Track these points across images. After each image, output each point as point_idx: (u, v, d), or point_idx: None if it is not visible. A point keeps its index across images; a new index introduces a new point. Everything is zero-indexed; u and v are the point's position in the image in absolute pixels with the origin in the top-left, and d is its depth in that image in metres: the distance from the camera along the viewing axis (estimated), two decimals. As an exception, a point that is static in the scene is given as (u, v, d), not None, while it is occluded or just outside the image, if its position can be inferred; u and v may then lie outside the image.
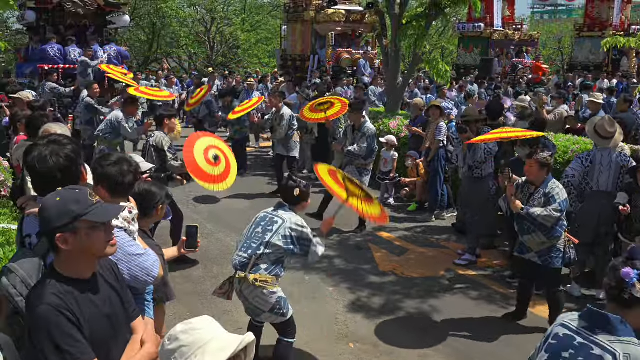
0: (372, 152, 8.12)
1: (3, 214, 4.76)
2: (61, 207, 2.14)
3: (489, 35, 21.60)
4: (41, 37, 15.78)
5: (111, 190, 2.94)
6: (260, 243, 4.28)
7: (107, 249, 2.25)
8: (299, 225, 4.33)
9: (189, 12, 33.15)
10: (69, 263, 2.21)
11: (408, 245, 7.78)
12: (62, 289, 2.16)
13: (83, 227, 2.14)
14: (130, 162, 3.08)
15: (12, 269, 2.32)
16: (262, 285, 4.19)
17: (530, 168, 5.22)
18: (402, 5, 11.63)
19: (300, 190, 4.48)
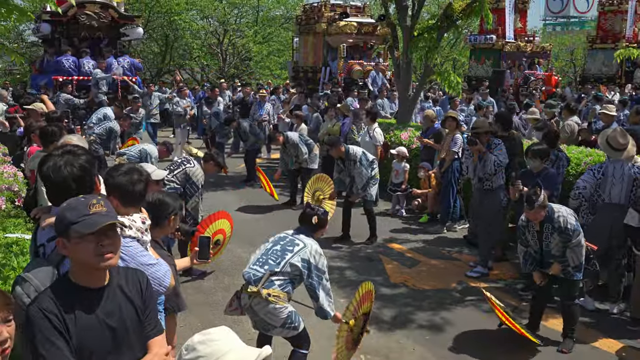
0: (371, 165, 8.09)
1: (17, 224, 4.79)
2: (61, 213, 2.20)
3: (501, 47, 21.57)
4: (56, 49, 15.99)
5: (122, 200, 2.96)
6: (279, 261, 4.29)
7: (100, 262, 2.20)
8: (318, 253, 4.38)
9: (202, 24, 33.40)
10: (76, 270, 2.24)
11: (419, 257, 7.75)
12: (61, 294, 2.19)
13: (74, 236, 2.16)
14: (141, 172, 3.10)
15: (27, 278, 2.34)
16: (274, 300, 4.18)
17: (535, 215, 5.10)
18: (413, 17, 11.67)
19: (318, 218, 4.55)
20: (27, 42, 29.88)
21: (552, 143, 7.00)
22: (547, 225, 5.13)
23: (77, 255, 2.19)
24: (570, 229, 5.05)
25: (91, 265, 2.21)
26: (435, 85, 20.47)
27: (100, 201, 2.23)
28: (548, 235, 5.14)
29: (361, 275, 7.05)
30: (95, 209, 2.18)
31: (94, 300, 2.24)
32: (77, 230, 2.14)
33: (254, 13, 34.59)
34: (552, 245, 5.15)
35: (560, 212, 5.13)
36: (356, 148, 8.22)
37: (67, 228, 2.15)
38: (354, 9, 20.69)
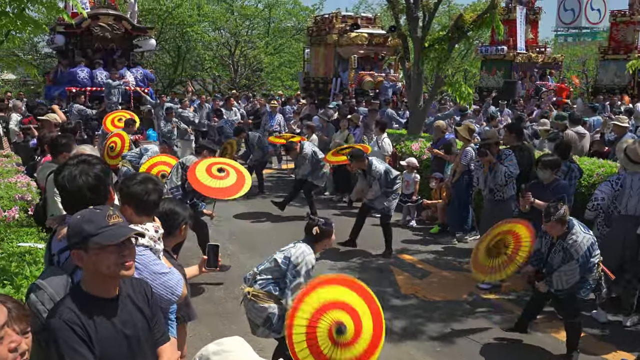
0: (392, 182, 8.08)
1: (30, 233, 4.83)
2: (77, 225, 2.21)
3: (512, 58, 21.56)
4: (70, 61, 16.16)
5: (137, 209, 2.99)
6: (267, 260, 4.47)
7: (120, 271, 2.23)
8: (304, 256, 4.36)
9: (214, 35, 33.67)
10: (89, 281, 2.26)
11: (430, 268, 7.72)
12: (79, 305, 2.21)
13: (93, 247, 2.18)
14: (156, 182, 3.13)
15: (41, 285, 2.36)
16: (252, 299, 4.30)
17: (552, 229, 5.06)
18: (424, 28, 11.69)
19: (318, 229, 4.52)
20: (41, 53, 30.24)
21: (564, 154, 6.97)
22: (560, 242, 5.09)
23: (96, 266, 2.20)
24: (574, 256, 4.96)
25: (111, 275, 2.24)
26: (447, 96, 20.47)
27: (116, 212, 2.27)
28: (557, 250, 5.11)
29: (372, 286, 6.93)
30: (113, 220, 2.21)
31: (110, 310, 2.27)
32: (98, 242, 2.16)
33: (266, 25, 34.85)
34: (555, 260, 5.13)
35: (577, 235, 5.00)
36: (380, 166, 8.08)
37: (86, 240, 2.17)
38: (365, 20, 20.80)
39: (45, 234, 5.15)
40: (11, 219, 5.25)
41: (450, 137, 9.83)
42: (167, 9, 29.72)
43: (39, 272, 3.68)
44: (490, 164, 7.16)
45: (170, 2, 30.15)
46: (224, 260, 7.57)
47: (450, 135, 9.93)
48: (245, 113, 17.00)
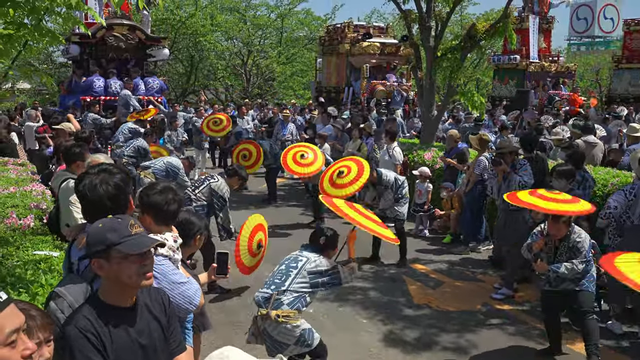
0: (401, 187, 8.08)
1: (45, 241, 4.87)
2: (99, 234, 2.21)
3: (525, 67, 21.48)
4: (84, 70, 16.32)
5: (156, 218, 3.01)
6: (284, 279, 4.34)
7: (141, 281, 2.24)
8: (322, 262, 4.44)
9: (227, 45, 33.86)
10: (108, 290, 2.27)
11: (443, 278, 7.68)
12: (95, 313, 2.22)
13: (115, 256, 2.18)
14: (176, 192, 3.15)
15: (60, 293, 2.37)
16: (284, 320, 4.20)
17: (558, 230, 5.12)
18: (437, 37, 11.70)
19: (325, 239, 4.55)
20: (56, 63, 30.53)
21: (577, 164, 6.93)
22: (564, 244, 5.16)
23: (117, 275, 2.21)
24: (581, 252, 5.08)
25: (132, 285, 2.24)
26: (459, 105, 20.43)
27: (137, 222, 2.28)
28: (562, 254, 5.16)
29: (384, 295, 7.01)
30: (135, 229, 2.23)
31: (126, 319, 2.27)
32: (121, 250, 2.17)
33: (278, 34, 34.99)
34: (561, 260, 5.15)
35: (579, 233, 5.18)
36: (389, 174, 8.15)
37: (109, 249, 2.18)
38: (377, 30, 20.84)
39: (59, 242, 5.19)
40: (26, 227, 5.29)
41: (463, 146, 9.80)
42: (181, 19, 29.93)
43: (54, 280, 3.71)
44: (505, 173, 7.13)
45: (183, 12, 30.38)
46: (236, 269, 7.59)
47: (463, 145, 9.91)
48: (258, 122, 17.08)
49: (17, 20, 3.56)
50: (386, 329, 6.07)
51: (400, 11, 12.36)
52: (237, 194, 12.83)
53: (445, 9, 11.94)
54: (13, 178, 7.68)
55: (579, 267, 5.06)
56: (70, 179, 5.42)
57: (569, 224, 5.13)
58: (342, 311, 6.50)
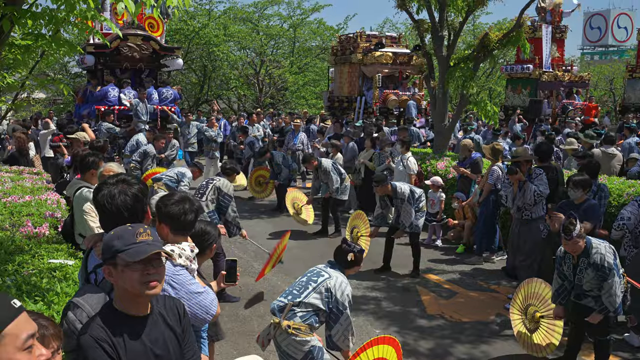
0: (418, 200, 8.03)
1: (60, 249, 4.89)
2: (109, 241, 2.24)
3: (538, 76, 21.38)
4: (99, 80, 16.46)
5: (173, 228, 3.02)
6: (302, 291, 4.30)
7: (144, 290, 2.22)
8: (343, 285, 4.34)
9: (239, 55, 34.07)
10: (120, 298, 2.27)
11: (457, 289, 7.63)
12: (110, 322, 2.22)
13: (120, 264, 2.19)
14: (192, 201, 3.16)
15: (78, 304, 2.37)
16: (294, 332, 4.16)
17: (574, 247, 5.00)
18: (450, 47, 11.69)
19: (354, 255, 4.52)
20: (70, 73, 30.85)
21: (593, 173, 6.88)
22: (583, 259, 5.02)
23: (122, 282, 2.22)
24: (606, 267, 4.90)
25: (136, 294, 2.23)
26: (472, 115, 20.38)
27: (147, 230, 2.27)
28: (582, 270, 5.03)
29: (397, 305, 6.98)
30: (142, 237, 2.22)
31: (140, 328, 2.27)
32: (123, 258, 2.18)
33: (290, 44, 35.16)
34: (585, 280, 5.04)
35: (599, 248, 4.99)
36: (404, 186, 8.06)
37: (114, 256, 2.19)
38: (390, 39, 20.85)
39: (73, 250, 5.22)
40: (42, 236, 5.32)
41: (477, 156, 9.77)
42: (195, 29, 30.17)
43: (70, 288, 3.73)
44: (520, 182, 7.09)
45: (197, 23, 30.61)
46: (250, 279, 7.60)
47: (477, 154, 9.87)
48: (270, 131, 17.12)
49: (35, 31, 3.60)
50: (400, 340, 6.00)
51: (412, 21, 12.37)
52: (248, 204, 12.88)
53: (457, 18, 11.92)
54: (28, 187, 7.74)
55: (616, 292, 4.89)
56: (84, 188, 5.47)
57: (583, 238, 5.02)
58: (355, 321, 6.44)
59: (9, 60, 3.94)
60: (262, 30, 33.98)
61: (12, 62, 3.98)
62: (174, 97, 16.85)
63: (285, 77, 32.20)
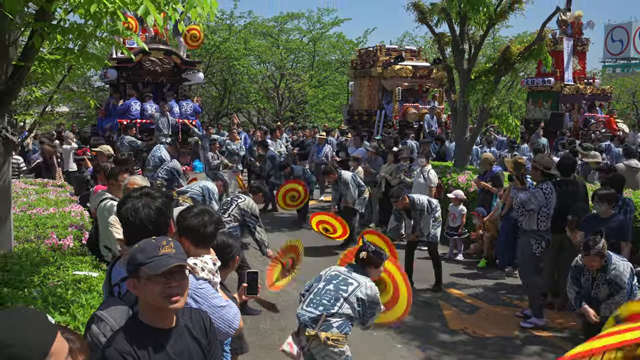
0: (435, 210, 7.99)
1: (84, 261, 4.93)
2: (133, 254, 2.25)
3: (559, 89, 21.23)
4: (121, 94, 16.68)
5: (194, 241, 3.03)
6: (333, 302, 4.26)
7: (166, 304, 2.21)
8: (371, 289, 4.36)
9: (259, 69, 34.33)
10: (145, 310, 2.27)
11: (479, 303, 7.55)
12: (135, 335, 2.22)
13: (142, 276, 2.20)
14: (212, 214, 3.17)
15: (102, 317, 2.38)
16: (333, 344, 4.14)
17: (591, 262, 5.02)
18: (470, 60, 11.67)
19: (367, 254, 4.45)
20: (93, 87, 31.29)
21: (618, 187, 6.78)
22: (601, 275, 5.05)
23: (145, 296, 2.23)
24: (619, 284, 4.97)
25: (159, 307, 2.23)
26: (491, 128, 20.26)
27: (170, 242, 2.27)
28: (599, 284, 5.07)
29: (419, 320, 6.92)
30: (164, 250, 2.22)
31: (164, 340, 2.27)
32: (145, 271, 2.18)
33: (310, 58, 35.35)
34: (601, 295, 5.05)
35: (617, 265, 5.03)
36: (422, 198, 8.04)
37: (137, 269, 2.20)
38: (409, 53, 20.87)
39: (97, 262, 5.26)
40: (66, 248, 5.38)
41: (498, 170, 9.69)
42: (215, 43, 30.47)
43: (94, 300, 3.75)
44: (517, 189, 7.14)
45: (218, 37, 30.93)
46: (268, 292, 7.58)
47: (498, 168, 9.80)
48: (291, 144, 17.19)
49: (63, 45, 3.66)
50: (422, 355, 5.97)
51: (433, 34, 12.37)
52: (268, 216, 12.90)
53: (479, 31, 11.91)
54: (52, 199, 7.85)
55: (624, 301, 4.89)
56: (108, 199, 5.53)
57: (602, 256, 5.01)
58: (377, 336, 6.42)
59: (37, 74, 4.00)
60: (282, 44, 34.23)
61: (40, 76, 4.05)
62: (194, 110, 17.00)
63: (305, 91, 32.34)
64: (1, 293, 3.77)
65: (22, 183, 9.23)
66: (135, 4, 3.07)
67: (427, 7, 11.91)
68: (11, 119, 4.04)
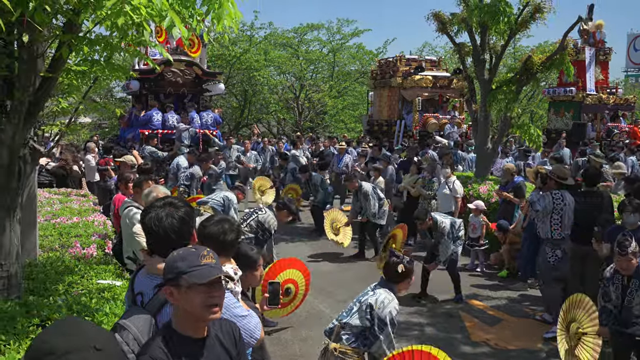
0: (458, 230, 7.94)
1: (107, 270, 4.98)
2: (172, 262, 2.24)
3: (582, 99, 21.04)
4: (143, 105, 16.86)
5: (214, 250, 3.03)
6: (348, 312, 4.29)
7: (207, 314, 2.22)
8: (386, 302, 4.23)
9: (279, 79, 34.50)
10: (180, 320, 2.27)
11: (502, 315, 7.46)
12: (169, 343, 2.22)
13: (183, 285, 2.19)
14: (232, 222, 3.18)
15: (125, 325, 2.39)
16: (340, 356, 4.11)
17: (627, 265, 4.89)
18: (491, 70, 11.62)
19: (404, 267, 4.34)
20: (116, 98, 31.68)
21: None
22: (634, 281, 4.91)
23: (185, 304, 2.22)
24: None
25: (197, 316, 2.23)
26: (512, 138, 20.11)
27: (210, 253, 2.28)
28: (633, 291, 4.91)
29: (440, 331, 6.86)
30: (206, 260, 2.22)
31: (198, 350, 2.27)
32: (187, 280, 2.18)
33: (330, 68, 35.44)
34: (635, 302, 4.89)
35: None
36: (445, 221, 7.88)
37: (178, 277, 2.19)
38: (429, 63, 20.85)
39: (120, 271, 5.31)
40: (90, 257, 5.43)
41: (519, 180, 9.61)
42: (236, 54, 30.71)
43: (118, 309, 3.78)
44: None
45: (238, 48, 31.17)
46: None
47: (519, 178, 9.71)
48: (310, 154, 17.22)
49: (90, 57, 3.72)
50: (443, 367, 5.90)
51: (453, 44, 12.35)
52: (286, 226, 12.90)
53: (499, 41, 11.86)
54: (76, 208, 7.95)
55: None
56: (132, 207, 5.60)
57: (636, 256, 4.88)
58: (398, 347, 6.36)
59: (64, 85, 4.07)
60: (302, 55, 34.37)
61: (67, 87, 4.12)
62: (213, 120, 17.11)
63: (325, 101, 32.43)
64: (27, 301, 3.82)
65: (47, 192, 9.35)
66: (161, 16, 3.10)
67: (447, 17, 11.90)
68: (37, 130, 4.10)
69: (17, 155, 3.65)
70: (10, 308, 3.59)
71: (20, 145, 3.65)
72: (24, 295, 4.01)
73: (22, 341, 3.18)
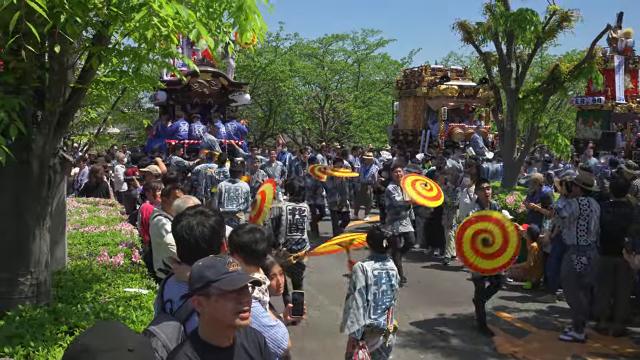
0: None
1: (134, 278, 5.02)
2: (199, 271, 2.25)
3: (610, 108, 20.72)
4: (170, 115, 17.07)
5: (246, 258, 3.06)
6: (393, 295, 4.86)
7: (236, 320, 2.23)
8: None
9: (304, 90, 34.63)
10: (207, 328, 2.28)
11: (530, 328, 7.35)
12: (196, 352, 2.23)
13: (213, 293, 2.20)
14: (263, 232, 3.20)
15: (154, 332, 2.41)
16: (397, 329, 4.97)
17: None
18: (518, 79, 11.51)
19: (388, 241, 4.85)
20: (143, 108, 32.13)
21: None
22: None
23: (214, 313, 2.23)
24: None
25: (228, 324, 2.24)
26: (538, 148, 19.88)
27: (235, 261, 2.30)
28: None
29: (466, 343, 6.78)
30: (233, 267, 2.25)
31: (224, 358, 2.29)
32: (218, 287, 2.19)
33: (355, 78, 35.48)
34: None
35: None
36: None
37: (207, 286, 2.21)
38: (455, 72, 20.76)
39: (148, 280, 5.35)
40: (117, 265, 5.49)
41: (547, 190, 9.48)
42: (261, 65, 30.95)
43: (145, 317, 3.81)
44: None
45: (264, 59, 31.41)
46: (314, 312, 7.57)
47: (547, 188, 9.58)
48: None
49: (118, 68, 3.78)
50: (470, 379, 5.83)
51: (479, 53, 12.27)
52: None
53: (526, 50, 11.75)
54: (104, 217, 8.04)
55: None
56: (161, 216, 5.66)
57: None
58: (423, 358, 6.31)
59: (93, 96, 4.15)
60: (327, 65, 34.49)
61: (96, 98, 4.19)
62: (236, 130, 17.22)
63: (350, 111, 32.45)
64: (56, 308, 3.87)
65: (75, 201, 9.49)
66: (188, 28, 3.14)
67: (472, 26, 11.83)
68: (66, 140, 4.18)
69: (47, 165, 3.71)
70: (39, 315, 3.64)
71: (50, 155, 3.71)
72: (53, 302, 4.06)
73: (50, 348, 3.22)
